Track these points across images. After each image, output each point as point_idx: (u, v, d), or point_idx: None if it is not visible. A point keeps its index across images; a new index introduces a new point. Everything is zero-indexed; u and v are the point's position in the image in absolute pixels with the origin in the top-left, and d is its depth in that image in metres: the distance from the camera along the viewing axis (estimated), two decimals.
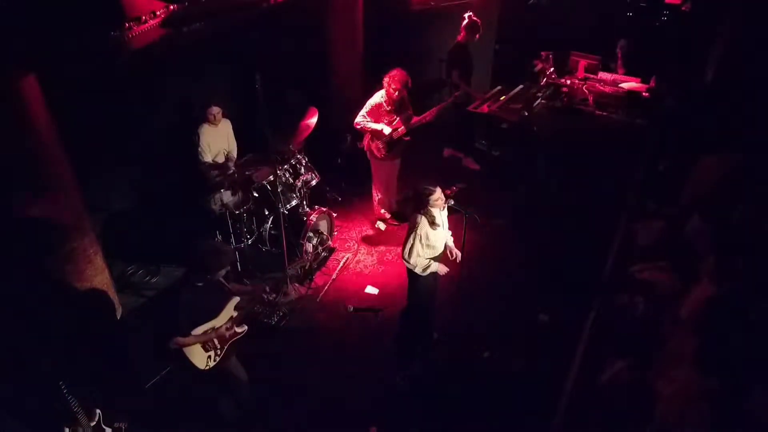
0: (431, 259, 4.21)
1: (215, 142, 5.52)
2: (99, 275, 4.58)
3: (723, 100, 4.86)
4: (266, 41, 6.38)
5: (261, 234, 5.65)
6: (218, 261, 3.55)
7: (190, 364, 3.64)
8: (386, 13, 7.49)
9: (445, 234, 4.33)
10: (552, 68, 7.31)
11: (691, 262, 3.21)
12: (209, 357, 3.71)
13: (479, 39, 6.79)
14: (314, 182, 5.91)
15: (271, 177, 5.39)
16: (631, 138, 6.26)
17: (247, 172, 5.49)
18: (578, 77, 7.38)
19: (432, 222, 4.06)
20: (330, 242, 5.96)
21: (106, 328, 4.76)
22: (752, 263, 2.88)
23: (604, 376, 3.07)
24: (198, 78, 5.95)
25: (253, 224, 5.70)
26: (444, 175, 6.23)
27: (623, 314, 3.39)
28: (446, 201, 4.07)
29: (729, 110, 4.59)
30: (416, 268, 4.20)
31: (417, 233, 4.07)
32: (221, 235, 5.60)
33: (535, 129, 6.50)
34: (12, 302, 4.03)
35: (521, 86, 7.42)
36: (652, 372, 2.87)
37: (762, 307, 2.59)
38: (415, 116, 5.73)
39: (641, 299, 3.33)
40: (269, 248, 5.63)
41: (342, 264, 5.84)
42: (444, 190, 4.05)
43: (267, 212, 5.55)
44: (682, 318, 2.94)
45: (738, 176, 3.56)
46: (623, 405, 2.91)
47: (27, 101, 3.73)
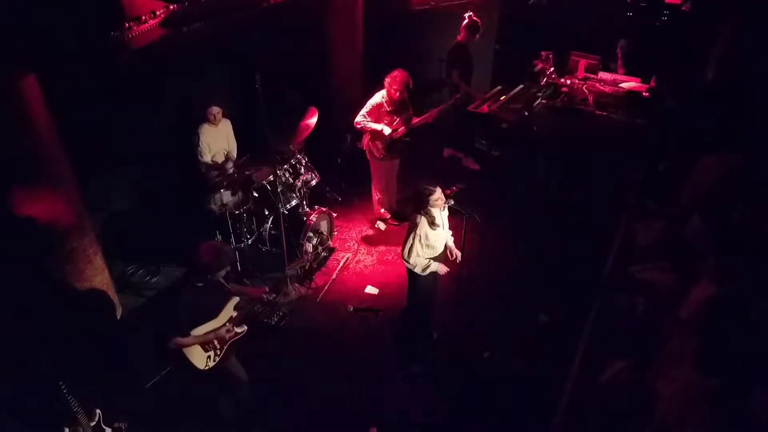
0: (431, 259, 4.21)
1: (215, 142, 5.53)
2: (99, 275, 4.59)
3: (723, 100, 4.85)
4: (266, 41, 6.38)
5: (261, 234, 5.65)
6: (218, 261, 3.55)
7: (190, 365, 3.64)
8: (386, 13, 7.49)
9: (446, 234, 4.33)
10: (552, 68, 7.31)
11: (691, 262, 3.21)
12: (209, 357, 3.71)
13: (479, 39, 6.80)
14: (314, 182, 5.91)
15: (271, 177, 5.40)
16: (631, 138, 6.26)
17: (247, 172, 5.50)
18: (578, 77, 7.38)
19: (432, 222, 4.06)
20: (330, 242, 5.96)
21: (106, 328, 4.76)
22: (752, 263, 2.88)
23: (604, 376, 3.07)
24: (198, 78, 5.95)
25: (253, 224, 5.70)
26: (444, 175, 6.22)
27: (623, 314, 3.39)
28: (446, 201, 4.07)
29: (729, 110, 4.58)
30: (416, 268, 4.20)
31: (417, 233, 4.07)
32: (221, 235, 5.60)
33: (535, 129, 6.50)
34: (12, 302, 4.03)
35: (521, 86, 7.42)
36: (652, 372, 2.87)
37: (762, 307, 2.58)
38: (416, 117, 5.74)
39: (641, 299, 3.33)
40: (269, 248, 5.64)
41: (342, 264, 5.84)
42: (444, 190, 4.05)
43: (267, 212, 5.55)
44: (682, 318, 2.93)
45: (738, 176, 3.56)
46: (623, 405, 2.91)
47: (27, 101, 3.74)
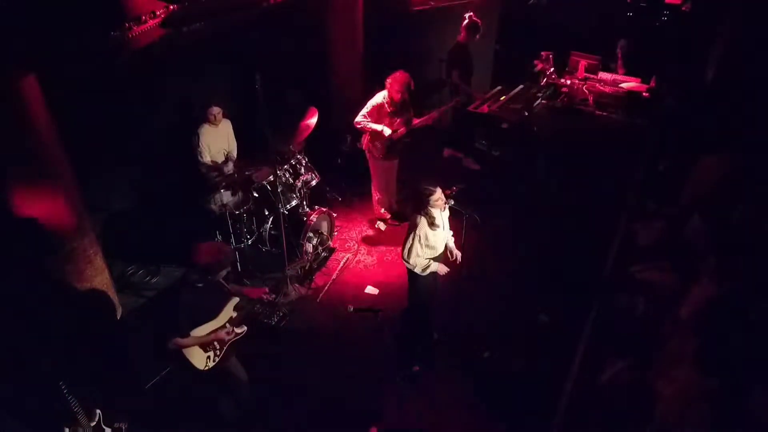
0: (431, 260, 4.21)
1: (215, 143, 5.52)
2: (99, 275, 4.59)
3: (723, 100, 4.86)
4: (266, 41, 6.38)
5: (261, 234, 5.65)
6: (219, 262, 3.55)
7: (190, 365, 3.63)
8: (386, 13, 7.48)
9: (446, 235, 4.32)
10: (552, 68, 7.31)
11: (691, 262, 3.21)
12: (208, 357, 3.71)
13: (479, 39, 6.80)
14: (314, 182, 5.91)
15: (271, 177, 5.40)
16: (631, 138, 6.26)
17: (247, 172, 5.50)
18: (578, 77, 7.38)
19: (432, 223, 4.06)
20: (330, 242, 5.96)
21: (106, 328, 4.76)
22: (752, 263, 2.88)
23: (604, 376, 3.08)
24: (198, 78, 5.95)
25: (253, 224, 5.70)
26: (444, 175, 6.23)
27: (623, 314, 3.39)
28: (446, 201, 4.07)
29: (729, 110, 4.59)
30: (416, 268, 4.19)
31: (416, 234, 4.07)
32: (221, 235, 5.60)
33: (535, 129, 6.50)
34: (12, 302, 4.03)
35: (521, 86, 7.42)
36: (652, 372, 2.87)
37: (762, 307, 2.59)
38: (416, 118, 5.73)
39: (641, 299, 3.33)
40: (269, 248, 5.63)
41: (342, 264, 5.84)
42: (444, 190, 4.05)
43: (267, 212, 5.55)
44: (682, 318, 2.94)
45: (738, 176, 3.56)
46: (623, 405, 2.91)
47: (27, 101, 3.74)
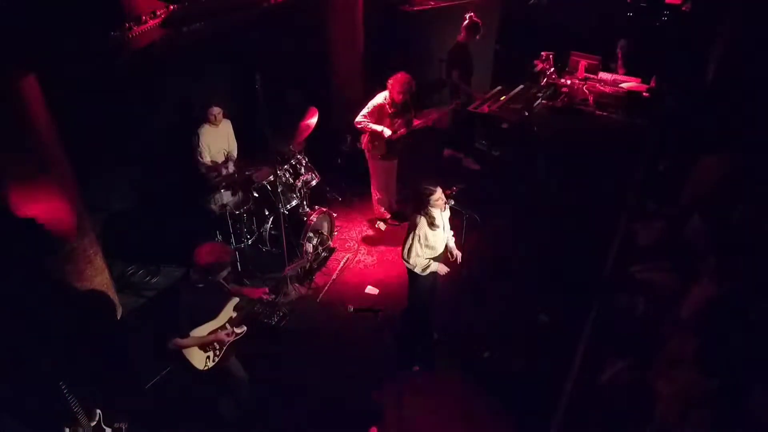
0: (431, 260, 4.21)
1: (215, 143, 5.52)
2: (99, 275, 4.59)
3: (723, 100, 4.86)
4: (266, 41, 6.38)
5: (261, 234, 5.65)
6: (219, 262, 3.55)
7: (189, 365, 3.63)
8: (386, 13, 7.49)
9: (446, 235, 4.32)
10: (552, 68, 7.31)
11: (691, 262, 3.21)
12: (208, 357, 3.71)
13: (479, 39, 6.80)
14: (314, 182, 5.91)
15: (271, 177, 5.39)
16: (631, 138, 6.26)
17: (247, 172, 5.50)
18: (578, 77, 7.38)
19: (432, 223, 4.05)
20: (330, 242, 5.96)
21: (106, 328, 4.76)
22: (752, 263, 2.88)
23: (604, 376, 3.08)
24: (198, 78, 5.95)
25: (253, 224, 5.70)
26: (444, 175, 6.23)
27: (623, 314, 3.39)
28: (446, 201, 4.07)
29: (729, 110, 4.59)
30: (416, 268, 4.19)
31: (416, 234, 4.07)
32: (221, 235, 5.60)
33: (535, 129, 6.50)
34: (12, 302, 4.03)
35: (521, 86, 7.42)
36: (652, 372, 2.87)
37: (762, 307, 2.59)
38: (416, 119, 5.73)
39: (641, 299, 3.33)
40: (269, 248, 5.63)
41: (342, 264, 5.84)
42: (444, 190, 4.05)
43: (267, 212, 5.55)
44: (682, 318, 2.94)
45: (738, 176, 3.56)
46: (623, 405, 2.91)
47: (27, 101, 3.74)
